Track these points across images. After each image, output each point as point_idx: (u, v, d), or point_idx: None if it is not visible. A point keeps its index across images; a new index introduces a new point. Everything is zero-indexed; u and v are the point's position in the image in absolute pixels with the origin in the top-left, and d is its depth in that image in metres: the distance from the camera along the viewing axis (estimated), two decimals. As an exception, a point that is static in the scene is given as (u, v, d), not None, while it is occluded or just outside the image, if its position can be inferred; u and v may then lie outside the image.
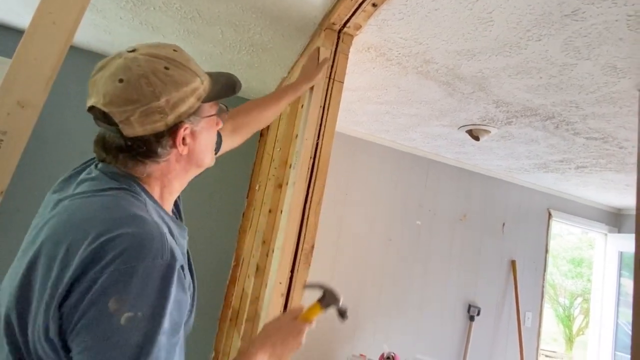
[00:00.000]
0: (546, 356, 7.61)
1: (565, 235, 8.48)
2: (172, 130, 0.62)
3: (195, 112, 0.64)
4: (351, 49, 1.32)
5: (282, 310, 1.15)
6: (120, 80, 0.57)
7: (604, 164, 2.27)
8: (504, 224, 2.90)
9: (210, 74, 0.70)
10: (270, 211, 1.51)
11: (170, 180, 0.67)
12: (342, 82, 1.27)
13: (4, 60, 1.66)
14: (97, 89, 0.58)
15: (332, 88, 1.24)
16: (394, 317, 2.49)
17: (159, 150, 0.62)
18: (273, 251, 1.34)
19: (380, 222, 2.54)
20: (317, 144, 1.21)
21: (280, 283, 1.14)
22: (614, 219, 3.35)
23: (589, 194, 3.05)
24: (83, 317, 0.49)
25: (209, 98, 0.66)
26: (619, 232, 3.32)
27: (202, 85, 0.65)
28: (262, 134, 2.27)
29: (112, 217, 0.55)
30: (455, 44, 1.30)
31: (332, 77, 1.25)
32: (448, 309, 2.65)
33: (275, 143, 1.89)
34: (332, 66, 1.26)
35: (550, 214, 3.08)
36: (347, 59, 1.28)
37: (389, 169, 2.61)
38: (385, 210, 2.56)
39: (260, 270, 1.49)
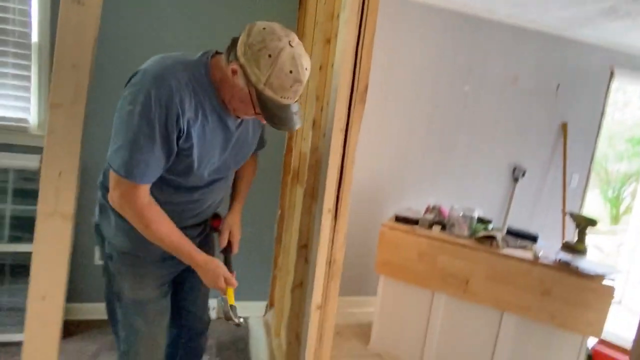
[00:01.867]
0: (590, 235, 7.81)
1: (628, 112, 7.85)
2: (237, 62, 0.91)
3: (248, 78, 0.90)
4: None
5: (342, 144, 1.30)
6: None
7: (687, -3, 2.00)
8: (558, 85, 2.76)
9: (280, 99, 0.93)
10: (320, 68, 1.58)
11: (222, 83, 0.98)
12: None
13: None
14: None
15: None
16: (439, 179, 2.66)
17: (230, 57, 0.94)
18: (328, 104, 1.45)
19: (427, 88, 2.53)
20: (365, -20, 1.19)
21: (340, 119, 1.27)
22: (688, 73, 3.04)
23: (663, 44, 2.74)
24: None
25: (259, 95, 0.91)
26: (692, 87, 3.04)
27: (263, 83, 0.89)
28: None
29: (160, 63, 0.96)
30: None
31: None
32: (493, 170, 2.75)
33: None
34: None
35: (612, 72, 2.86)
36: None
37: (437, 31, 2.48)
38: (432, 76, 2.52)
39: (317, 124, 1.62)
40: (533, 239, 2.03)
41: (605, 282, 1.68)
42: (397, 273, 2.09)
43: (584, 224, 1.95)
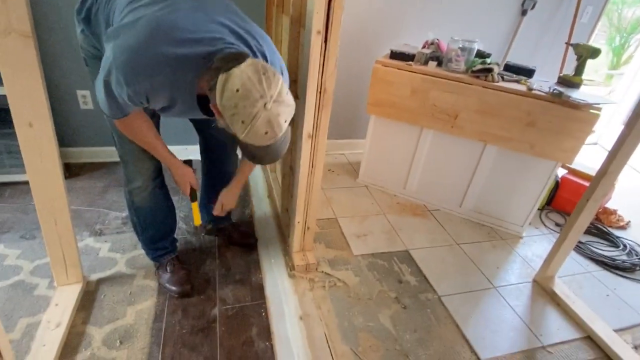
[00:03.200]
0: (584, 84, 7.69)
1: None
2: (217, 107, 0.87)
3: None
4: None
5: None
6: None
7: None
8: None
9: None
10: None
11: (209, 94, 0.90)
12: None
13: None
14: None
15: None
16: (441, 11, 2.40)
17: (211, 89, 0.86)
18: None
19: None
20: None
21: None
22: None
23: None
24: None
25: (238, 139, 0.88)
26: None
27: (240, 138, 0.85)
28: None
29: None
30: None
31: None
32: (501, 0, 2.48)
33: None
34: None
35: None
36: None
37: None
38: None
39: None
40: (529, 72, 1.97)
41: (592, 110, 1.71)
42: (387, 112, 2.09)
43: (585, 54, 1.86)
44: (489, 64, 1.92)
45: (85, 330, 1.28)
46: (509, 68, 2.02)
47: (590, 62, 1.88)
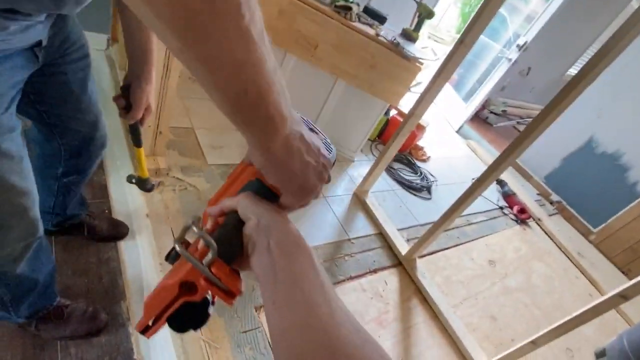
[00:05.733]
0: (434, 41, 8.91)
1: None
2: None
3: None
4: None
5: None
6: None
7: None
8: None
9: None
10: None
11: None
12: None
13: None
14: None
15: None
16: None
17: None
18: None
19: None
20: None
21: None
22: None
23: None
24: None
25: None
26: None
27: None
28: None
29: None
30: None
31: None
32: None
33: None
34: None
35: None
36: None
37: None
38: None
39: None
40: (382, 19, 2.25)
41: (417, 63, 2.12)
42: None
43: (423, 14, 2.23)
44: (351, 2, 2.10)
45: None
46: (367, 11, 2.25)
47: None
